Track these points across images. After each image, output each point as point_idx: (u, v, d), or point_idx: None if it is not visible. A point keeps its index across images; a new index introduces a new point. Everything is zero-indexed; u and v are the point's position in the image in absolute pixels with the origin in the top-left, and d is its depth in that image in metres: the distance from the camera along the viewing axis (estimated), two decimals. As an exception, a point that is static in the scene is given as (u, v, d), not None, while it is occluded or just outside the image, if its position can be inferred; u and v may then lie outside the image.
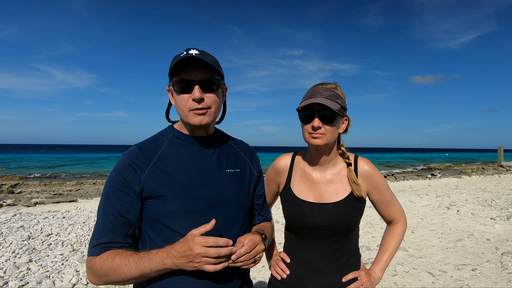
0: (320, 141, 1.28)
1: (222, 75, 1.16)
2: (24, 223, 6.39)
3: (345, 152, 1.40)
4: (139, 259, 0.98)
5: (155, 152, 1.12)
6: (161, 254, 0.97)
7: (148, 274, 0.99)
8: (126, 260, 0.99)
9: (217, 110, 1.14)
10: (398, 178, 18.18)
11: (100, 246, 1.03)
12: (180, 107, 1.10)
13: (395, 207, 1.43)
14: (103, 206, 1.07)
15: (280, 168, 1.47)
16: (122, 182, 1.06)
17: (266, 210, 1.38)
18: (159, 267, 0.97)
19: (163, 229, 1.06)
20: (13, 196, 11.18)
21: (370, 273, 1.40)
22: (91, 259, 1.03)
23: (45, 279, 3.73)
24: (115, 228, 1.05)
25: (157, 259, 0.97)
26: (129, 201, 1.05)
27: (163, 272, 0.99)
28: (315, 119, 1.26)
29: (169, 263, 0.96)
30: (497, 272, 3.84)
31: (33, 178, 20.31)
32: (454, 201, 8.63)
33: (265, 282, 3.68)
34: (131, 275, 0.98)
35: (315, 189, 1.38)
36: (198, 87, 1.06)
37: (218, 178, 1.15)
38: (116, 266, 0.99)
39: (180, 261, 0.95)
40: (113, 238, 1.04)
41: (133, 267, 0.98)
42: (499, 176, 16.88)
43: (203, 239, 0.94)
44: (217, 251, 0.93)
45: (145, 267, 0.97)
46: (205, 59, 1.04)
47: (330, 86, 1.33)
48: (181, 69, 1.07)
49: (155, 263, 0.97)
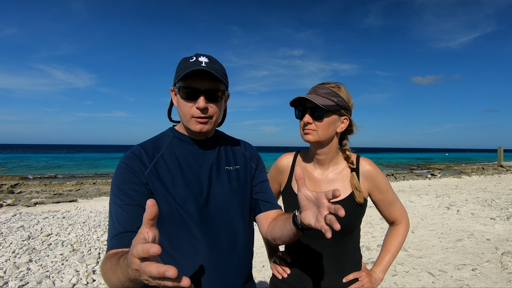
0: (311, 137, 1.31)
1: (227, 85, 1.17)
2: (24, 223, 6.39)
3: (348, 152, 1.39)
4: (116, 265, 0.80)
5: (157, 151, 1.13)
6: (124, 261, 0.75)
7: (127, 282, 0.78)
8: (110, 263, 0.83)
9: (218, 118, 1.15)
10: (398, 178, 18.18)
11: (115, 238, 0.95)
12: (183, 112, 1.11)
13: (397, 208, 1.43)
14: (114, 200, 1.02)
15: (282, 167, 1.48)
16: (130, 172, 1.05)
17: (272, 197, 1.27)
18: (128, 276, 0.74)
19: (164, 228, 1.06)
20: (13, 196, 11.18)
21: (371, 274, 1.40)
22: (103, 259, 0.92)
23: (45, 279, 3.73)
24: (130, 217, 0.98)
25: (124, 267, 0.75)
26: (139, 189, 1.04)
27: (138, 282, 0.77)
28: (306, 115, 1.30)
29: (131, 273, 0.71)
30: (497, 272, 3.84)
31: (33, 178, 20.29)
32: (454, 201, 8.63)
33: (265, 282, 3.68)
34: (116, 283, 0.81)
35: (316, 188, 1.38)
36: (203, 97, 1.06)
37: (218, 176, 1.16)
38: (105, 271, 0.86)
39: (133, 273, 0.70)
40: (129, 228, 0.96)
41: (114, 274, 0.81)
42: (499, 176, 16.89)
43: (138, 248, 0.62)
44: (142, 268, 0.63)
45: (121, 274, 0.77)
46: (213, 71, 1.04)
47: (330, 85, 1.34)
48: (189, 76, 1.07)
49: (124, 272, 0.75)
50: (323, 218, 0.81)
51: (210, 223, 1.09)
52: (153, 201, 0.66)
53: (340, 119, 1.33)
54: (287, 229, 1.03)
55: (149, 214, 0.65)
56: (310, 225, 0.88)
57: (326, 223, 0.81)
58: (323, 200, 0.83)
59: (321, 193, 0.84)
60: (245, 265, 1.17)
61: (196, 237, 1.06)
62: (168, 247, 1.06)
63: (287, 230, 1.03)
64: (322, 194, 0.83)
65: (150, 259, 0.61)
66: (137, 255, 0.60)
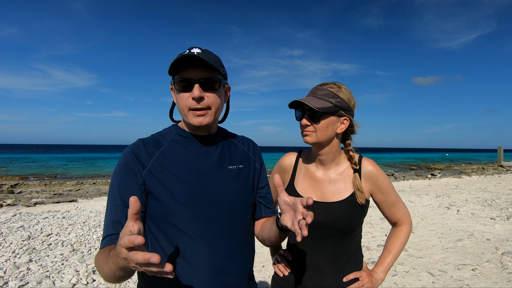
0: (310, 139, 1.32)
1: (225, 74, 1.15)
2: (24, 223, 6.39)
3: (352, 153, 1.39)
4: (108, 256, 0.88)
5: (157, 148, 1.12)
6: (114, 251, 0.83)
7: (118, 271, 0.85)
8: (103, 256, 0.92)
9: (218, 110, 1.14)
10: (398, 178, 18.17)
11: (108, 238, 1.01)
12: (180, 106, 1.10)
13: (399, 209, 1.42)
14: (110, 199, 1.06)
15: (285, 166, 1.49)
16: (127, 173, 1.06)
17: (273, 203, 1.33)
18: (118, 265, 0.82)
19: (164, 226, 1.06)
20: (13, 196, 11.18)
21: (372, 274, 1.40)
22: (97, 253, 1.01)
23: (45, 279, 3.73)
24: (121, 219, 1.02)
25: (114, 257, 0.83)
26: (134, 192, 1.04)
27: (126, 270, 0.85)
28: (304, 118, 1.31)
29: (121, 263, 0.78)
30: (497, 272, 3.84)
31: (33, 178, 20.30)
32: (454, 201, 8.63)
33: (265, 282, 3.69)
34: (109, 273, 0.89)
35: (318, 188, 1.38)
36: (198, 85, 1.05)
37: (221, 175, 1.15)
38: (98, 263, 0.95)
39: (121, 262, 0.78)
40: (119, 230, 1.01)
41: (106, 264, 0.89)
42: (499, 176, 16.89)
43: (124, 239, 0.71)
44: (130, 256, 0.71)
45: (112, 264, 0.85)
46: (206, 58, 1.03)
47: (329, 86, 1.33)
48: (182, 67, 1.07)
49: (114, 261, 0.83)
50: (297, 222, 0.89)
51: (211, 222, 1.08)
52: (136, 198, 0.74)
53: (339, 119, 1.33)
54: (272, 231, 1.11)
55: (132, 209, 0.73)
56: (287, 227, 0.97)
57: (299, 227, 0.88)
58: (298, 206, 0.91)
59: (297, 199, 0.93)
60: (247, 265, 1.17)
61: (196, 237, 1.05)
62: (168, 247, 1.05)
63: (273, 232, 1.11)
64: (298, 200, 0.92)
65: (136, 249, 0.69)
66: (124, 245, 0.68)
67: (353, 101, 1.36)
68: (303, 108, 1.32)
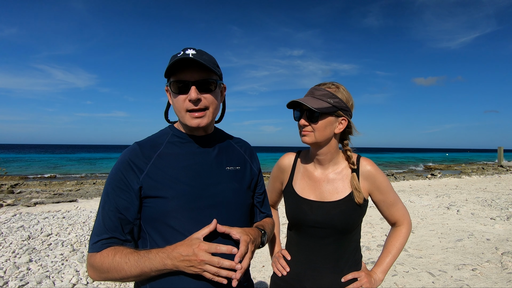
0: (308, 139, 1.32)
1: (220, 75, 1.16)
2: (24, 223, 6.39)
3: (350, 153, 1.39)
4: (139, 258, 0.98)
5: (154, 150, 1.12)
6: (162, 254, 0.98)
7: (147, 273, 0.99)
8: (126, 258, 0.99)
9: (215, 110, 1.14)
10: (398, 178, 18.18)
11: (101, 242, 1.04)
12: (177, 108, 1.10)
13: (398, 209, 1.42)
14: (103, 203, 1.08)
15: (284, 166, 1.49)
16: (122, 180, 1.07)
17: (267, 207, 1.39)
18: (159, 267, 0.98)
19: (163, 228, 1.06)
20: (13, 196, 11.18)
21: (371, 275, 1.39)
22: (92, 256, 1.04)
23: (45, 279, 3.73)
24: (114, 225, 1.05)
25: (157, 259, 0.97)
26: (127, 198, 1.06)
27: (163, 272, 1.00)
28: (302, 118, 1.32)
29: (169, 264, 0.97)
30: (497, 272, 3.84)
31: (33, 178, 20.30)
32: (454, 201, 8.63)
33: (265, 282, 3.69)
34: (131, 273, 0.99)
35: (316, 187, 1.39)
36: (194, 87, 1.06)
37: (218, 176, 1.15)
38: (117, 264, 0.99)
39: (181, 263, 0.96)
40: (113, 234, 1.05)
41: (133, 266, 0.98)
42: (499, 176, 16.89)
43: (207, 245, 0.96)
44: (220, 262, 0.95)
45: (145, 266, 0.98)
46: (201, 60, 1.03)
47: (327, 86, 1.33)
48: (178, 69, 1.07)
49: (155, 263, 0.97)
50: None
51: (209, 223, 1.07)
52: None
53: (337, 120, 1.33)
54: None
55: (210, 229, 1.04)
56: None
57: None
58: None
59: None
60: None
61: None
62: None
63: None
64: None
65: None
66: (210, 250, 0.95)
67: (351, 101, 1.36)
68: (302, 108, 1.32)
